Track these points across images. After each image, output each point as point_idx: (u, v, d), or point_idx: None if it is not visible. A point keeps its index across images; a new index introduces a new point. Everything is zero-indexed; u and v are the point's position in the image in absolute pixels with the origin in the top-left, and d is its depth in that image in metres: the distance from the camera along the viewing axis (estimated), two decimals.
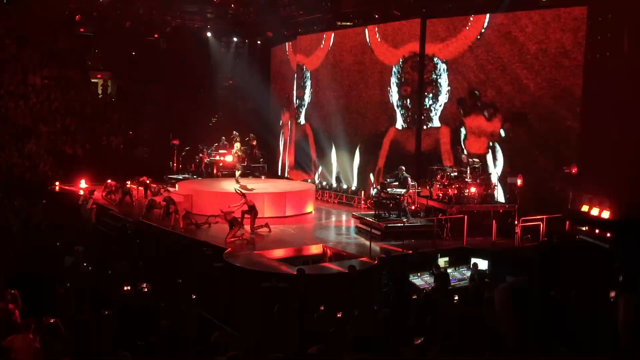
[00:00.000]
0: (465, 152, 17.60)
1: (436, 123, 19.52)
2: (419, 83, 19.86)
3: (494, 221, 14.88)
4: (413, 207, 16.83)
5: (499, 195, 16.99)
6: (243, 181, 19.95)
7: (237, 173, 20.10)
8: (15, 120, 22.99)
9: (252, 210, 16.13)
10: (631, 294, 2.47)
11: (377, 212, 16.45)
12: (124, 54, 28.28)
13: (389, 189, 16.33)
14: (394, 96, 20.81)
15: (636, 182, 13.39)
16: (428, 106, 19.71)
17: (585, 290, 7.46)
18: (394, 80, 20.76)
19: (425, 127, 19.78)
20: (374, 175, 21.26)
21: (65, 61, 26.14)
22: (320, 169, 23.74)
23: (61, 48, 26.45)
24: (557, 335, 2.27)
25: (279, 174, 26.45)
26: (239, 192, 16.52)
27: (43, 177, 21.18)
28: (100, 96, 28.07)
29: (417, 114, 19.93)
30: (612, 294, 7.90)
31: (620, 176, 13.81)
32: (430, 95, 19.59)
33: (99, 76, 28.60)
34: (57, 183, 21.25)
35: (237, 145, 20.44)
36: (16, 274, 9.42)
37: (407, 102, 20.49)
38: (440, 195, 16.48)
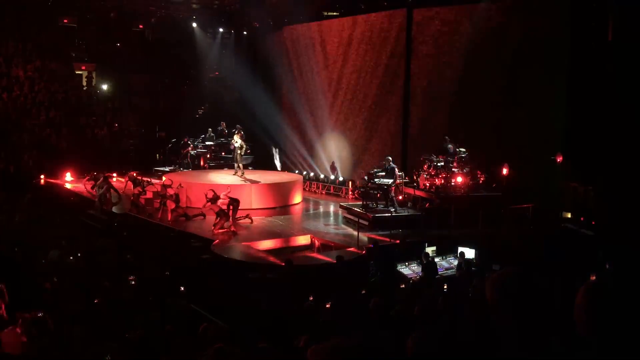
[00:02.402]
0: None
1: None
2: (406, 71, 19.88)
3: (480, 210, 14.96)
4: (400, 197, 16.90)
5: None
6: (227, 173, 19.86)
7: (240, 167, 19.93)
8: None
9: (233, 202, 16.05)
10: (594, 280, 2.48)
11: (364, 203, 16.51)
12: (109, 45, 27.99)
13: (376, 180, 16.38)
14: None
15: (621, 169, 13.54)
16: None
17: (569, 278, 7.54)
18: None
19: None
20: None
21: (48, 53, 25.82)
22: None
23: (44, 40, 26.11)
24: (546, 324, 2.29)
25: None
26: (208, 198, 15.94)
27: (28, 170, 20.98)
28: (85, 88, 27.77)
29: (404, 103, 19.95)
30: (593, 277, 7.98)
31: (604, 164, 13.95)
32: None
33: (83, 68, 28.28)
34: (42, 176, 21.07)
35: (236, 137, 20.06)
36: (1, 268, 9.34)
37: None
38: (427, 185, 16.55)
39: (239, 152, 19.75)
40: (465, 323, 5.28)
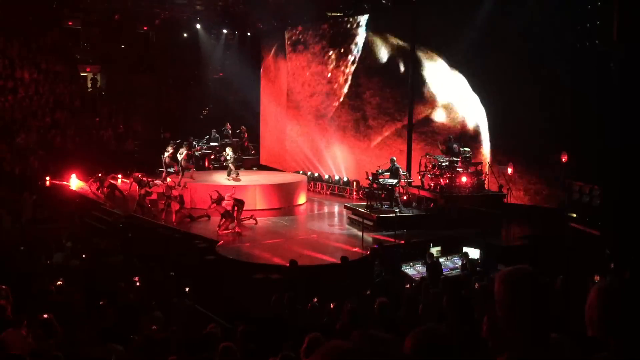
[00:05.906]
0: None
1: None
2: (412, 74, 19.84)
3: (484, 210, 14.91)
4: (405, 198, 16.87)
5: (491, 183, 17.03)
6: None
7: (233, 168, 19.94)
8: (3, 114, 22.80)
9: (237, 203, 16.05)
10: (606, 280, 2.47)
11: (369, 203, 16.49)
12: (113, 47, 28.07)
13: (380, 180, 16.36)
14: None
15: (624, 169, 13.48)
16: None
17: (574, 277, 7.53)
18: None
19: None
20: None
21: (53, 55, 25.90)
22: None
23: (49, 41, 26.20)
24: (549, 321, 2.29)
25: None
26: (213, 199, 15.98)
27: (33, 171, 21.04)
28: (89, 89, 27.86)
29: (409, 104, 19.91)
30: (597, 278, 7.95)
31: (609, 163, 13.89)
32: None
33: (88, 69, 28.37)
34: (47, 178, 21.11)
35: (228, 150, 20.08)
36: (6, 270, 9.39)
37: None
38: (432, 185, 16.53)
39: (230, 161, 19.76)
40: (468, 322, 5.26)
